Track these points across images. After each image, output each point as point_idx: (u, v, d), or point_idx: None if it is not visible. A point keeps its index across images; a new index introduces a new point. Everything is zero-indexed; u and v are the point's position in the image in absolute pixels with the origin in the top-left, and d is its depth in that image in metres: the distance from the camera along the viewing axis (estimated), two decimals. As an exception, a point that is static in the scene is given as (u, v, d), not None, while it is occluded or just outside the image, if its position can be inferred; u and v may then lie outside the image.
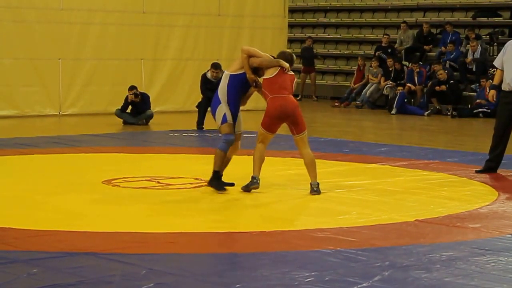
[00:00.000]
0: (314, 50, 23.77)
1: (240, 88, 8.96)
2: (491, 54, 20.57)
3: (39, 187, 9.12)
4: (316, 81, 24.24)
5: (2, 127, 15.57)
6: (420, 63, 21.07)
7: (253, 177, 8.94)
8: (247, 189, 8.88)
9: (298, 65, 24.27)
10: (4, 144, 12.51)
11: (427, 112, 19.56)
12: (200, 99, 15.52)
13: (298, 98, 22.94)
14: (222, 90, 8.94)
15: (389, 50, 22.00)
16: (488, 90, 18.37)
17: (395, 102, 19.88)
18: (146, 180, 9.51)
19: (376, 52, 22.20)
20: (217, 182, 8.89)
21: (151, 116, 16.00)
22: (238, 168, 9.57)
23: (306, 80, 23.31)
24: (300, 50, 23.49)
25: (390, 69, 21.15)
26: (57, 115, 17.51)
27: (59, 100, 17.65)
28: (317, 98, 23.27)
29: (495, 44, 20.98)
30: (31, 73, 17.22)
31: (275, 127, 9.05)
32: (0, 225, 7.14)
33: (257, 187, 8.88)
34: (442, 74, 19.48)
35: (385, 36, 22.38)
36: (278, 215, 7.96)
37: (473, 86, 20.31)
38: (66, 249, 6.48)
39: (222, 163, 8.87)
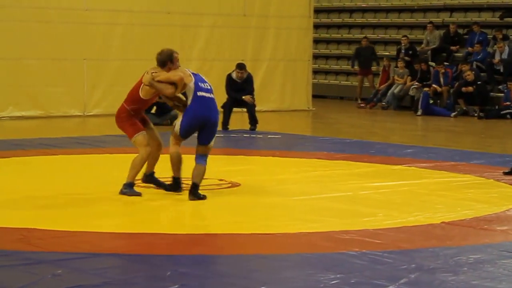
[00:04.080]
0: (378, 52, 23.20)
1: None
2: (518, 55, 20.40)
3: (63, 187, 9.13)
4: (341, 82, 24.17)
5: (27, 128, 15.65)
6: (446, 63, 20.93)
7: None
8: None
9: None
10: (29, 145, 12.56)
11: (453, 113, 19.42)
12: (225, 100, 15.50)
13: (359, 103, 22.16)
14: None
15: (410, 52, 21.86)
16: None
17: (420, 103, 19.77)
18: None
19: (398, 53, 22.07)
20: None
21: (175, 117, 15.96)
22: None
23: (364, 83, 22.55)
24: (354, 51, 22.99)
25: (416, 69, 21.02)
26: (81, 116, 17.57)
27: (83, 101, 17.70)
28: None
29: (523, 44, 20.81)
30: (56, 74, 17.29)
31: None
32: (25, 226, 7.16)
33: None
34: (469, 75, 19.33)
35: (403, 37, 22.20)
36: (302, 216, 7.92)
37: (500, 87, 20.13)
38: (91, 250, 6.49)
39: None
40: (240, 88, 15.36)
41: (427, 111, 19.66)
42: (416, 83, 20.69)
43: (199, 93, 8.76)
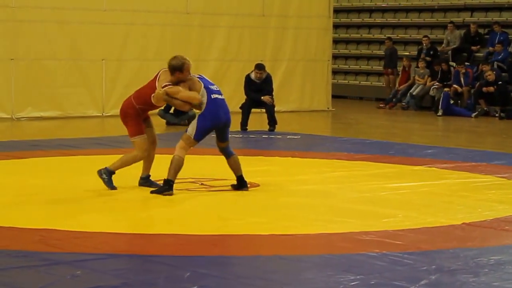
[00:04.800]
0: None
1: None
2: (540, 55, 20.26)
3: (82, 188, 9.12)
4: (361, 82, 24.10)
5: (45, 128, 15.68)
6: (467, 63, 20.80)
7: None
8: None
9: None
10: (47, 145, 12.58)
11: (474, 114, 19.31)
12: (244, 100, 15.47)
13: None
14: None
15: (431, 52, 21.73)
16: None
17: (440, 103, 19.67)
18: (189, 182, 9.48)
19: (419, 54, 21.95)
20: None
21: (194, 117, 15.84)
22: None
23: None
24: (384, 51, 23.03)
25: (436, 70, 20.91)
26: (100, 116, 17.58)
27: (102, 101, 17.72)
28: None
29: (544, 44, 20.67)
30: (75, 74, 17.31)
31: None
32: (43, 227, 7.17)
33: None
34: (490, 75, 19.21)
35: (424, 38, 22.08)
36: (322, 217, 7.88)
37: (521, 87, 20.01)
38: (110, 251, 6.49)
39: None
40: (259, 88, 15.33)
41: (448, 111, 19.55)
42: (437, 83, 20.58)
43: (213, 96, 8.83)
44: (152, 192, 8.76)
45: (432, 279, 5.81)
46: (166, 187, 8.69)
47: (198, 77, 8.95)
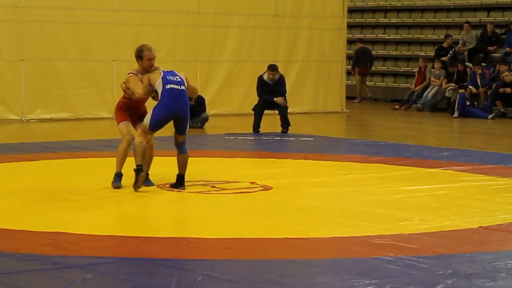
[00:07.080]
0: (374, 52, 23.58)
1: None
2: (557, 55, 20.12)
3: (94, 190, 9.10)
4: (376, 83, 24.06)
5: (56, 130, 15.67)
6: (484, 64, 20.67)
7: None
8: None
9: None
10: (58, 147, 12.56)
11: (491, 115, 19.18)
12: (256, 102, 15.38)
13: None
14: None
15: (451, 52, 21.60)
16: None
17: (456, 104, 19.55)
18: (201, 184, 9.43)
19: (437, 53, 21.83)
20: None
21: (206, 119, 15.93)
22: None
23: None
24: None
25: (451, 71, 20.77)
26: (111, 118, 17.49)
27: (113, 103, 17.59)
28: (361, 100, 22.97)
29: (561, 44, 20.52)
30: (85, 75, 17.28)
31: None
32: (54, 230, 7.13)
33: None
34: (507, 76, 19.09)
35: (449, 38, 21.91)
36: (336, 221, 7.83)
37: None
38: (121, 255, 6.47)
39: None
40: (271, 90, 15.25)
41: (464, 113, 19.42)
42: (453, 84, 20.44)
43: (168, 86, 8.93)
44: (134, 186, 8.88)
45: (448, 283, 5.74)
46: (137, 173, 8.83)
47: (162, 70, 9.10)
